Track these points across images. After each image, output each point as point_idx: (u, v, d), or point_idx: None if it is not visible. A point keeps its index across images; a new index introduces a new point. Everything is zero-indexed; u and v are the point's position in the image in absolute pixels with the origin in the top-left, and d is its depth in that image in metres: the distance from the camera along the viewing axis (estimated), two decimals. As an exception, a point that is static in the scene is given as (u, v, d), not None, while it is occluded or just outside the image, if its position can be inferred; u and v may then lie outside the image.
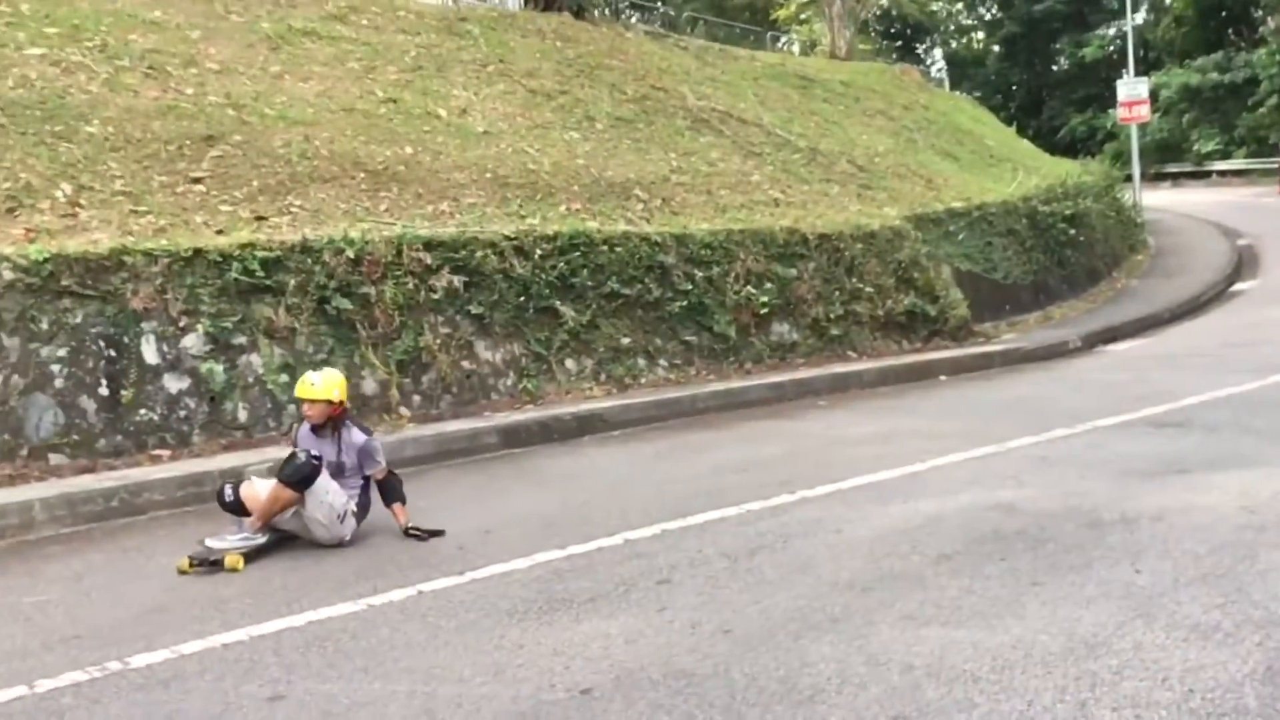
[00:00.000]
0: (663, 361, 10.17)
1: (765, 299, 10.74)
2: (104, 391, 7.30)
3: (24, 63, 10.05)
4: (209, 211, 8.91)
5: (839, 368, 10.63)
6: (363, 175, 10.22)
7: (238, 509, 5.31)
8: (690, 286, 10.36)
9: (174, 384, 7.60)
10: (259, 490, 5.33)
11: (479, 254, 9.15)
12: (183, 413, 7.59)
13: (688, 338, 10.36)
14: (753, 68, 18.36)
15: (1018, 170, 18.68)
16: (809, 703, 3.13)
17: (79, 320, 7.27)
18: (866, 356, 11.32)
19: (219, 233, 8.48)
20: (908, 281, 12.09)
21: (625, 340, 9.94)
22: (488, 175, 10.98)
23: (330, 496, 5.30)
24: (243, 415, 7.83)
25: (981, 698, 3.14)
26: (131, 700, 3.37)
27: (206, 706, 3.29)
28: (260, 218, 9.01)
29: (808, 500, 5.71)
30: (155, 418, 7.47)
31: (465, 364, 9.00)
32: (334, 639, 3.83)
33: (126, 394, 7.38)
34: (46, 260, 7.23)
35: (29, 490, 6.44)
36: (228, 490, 5.39)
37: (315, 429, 5.55)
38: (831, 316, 11.33)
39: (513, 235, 9.49)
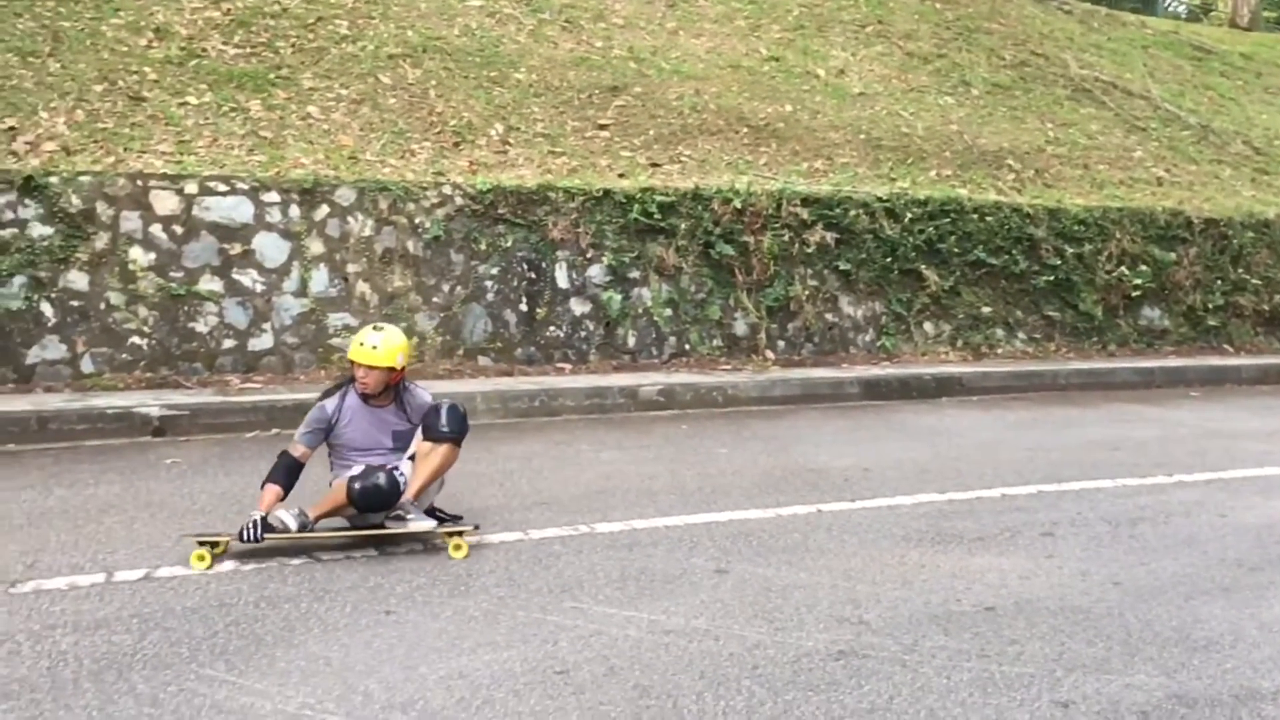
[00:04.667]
0: (1021, 334, 10.20)
1: (1138, 281, 10.44)
2: (523, 308, 8.45)
3: (466, 13, 11.46)
4: (612, 156, 9.89)
5: (1214, 360, 10.18)
6: (745, 130, 10.87)
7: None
8: (1059, 262, 10.26)
9: (578, 307, 8.64)
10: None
11: (851, 213, 9.57)
12: (583, 333, 8.63)
13: (1050, 313, 10.31)
14: (1142, 35, 17.34)
15: None
16: (1203, 650, 3.39)
17: (509, 244, 8.43)
18: (1245, 351, 10.74)
19: (620, 176, 9.41)
20: (1303, 276, 11.27)
21: (986, 309, 10.06)
22: (861, 136, 11.31)
23: None
24: (631, 341, 8.78)
25: (1383, 677, 3.28)
26: (606, 555, 4.20)
27: (666, 568, 4.04)
28: (655, 164, 9.89)
29: (1185, 484, 5.77)
30: (561, 335, 8.56)
31: (828, 316, 9.51)
32: (756, 535, 4.50)
33: (541, 312, 8.50)
34: (488, 191, 8.41)
35: (468, 384, 7.65)
36: (401, 478, 4.27)
37: (367, 398, 4.44)
38: (1210, 306, 10.83)
39: (885, 197, 9.82)
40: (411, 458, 4.40)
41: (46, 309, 7.11)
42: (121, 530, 4.36)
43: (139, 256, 7.36)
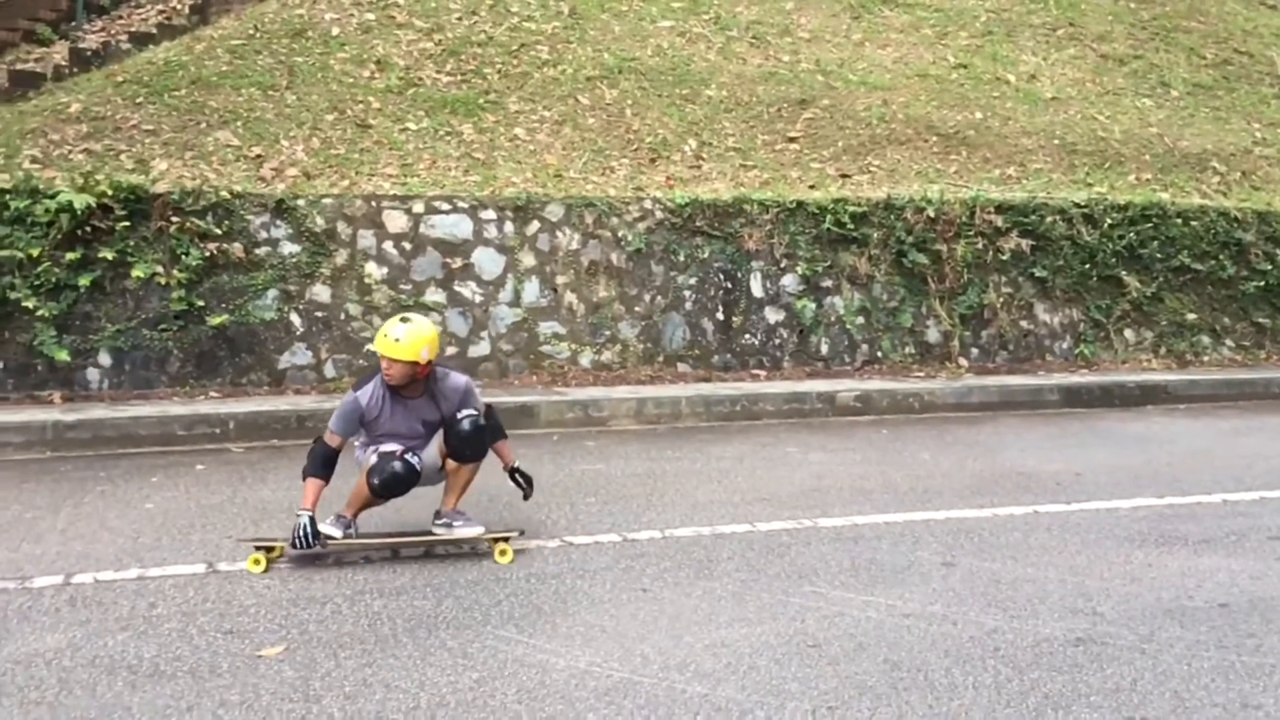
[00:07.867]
0: (1229, 341, 9.89)
1: (1357, 286, 9.96)
2: (720, 316, 8.77)
3: (657, 34, 11.91)
4: (802, 168, 10.11)
5: None
6: (934, 138, 10.91)
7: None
8: (1269, 266, 9.91)
9: (773, 316, 8.90)
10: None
11: (1047, 219, 9.49)
12: (777, 340, 8.88)
13: (1260, 319, 9.96)
14: (1356, 27, 16.37)
15: None
16: None
17: (705, 255, 8.76)
18: None
19: (811, 187, 9.63)
20: None
21: (1190, 316, 9.80)
22: (1055, 141, 11.17)
23: None
24: (824, 348, 8.98)
25: None
26: (833, 546, 4.45)
27: (893, 559, 4.27)
28: (844, 175, 10.06)
29: None
30: (756, 342, 8.84)
31: (1023, 323, 9.46)
32: (975, 532, 4.67)
33: (736, 320, 8.80)
34: (686, 204, 8.77)
35: (670, 390, 8.01)
36: (415, 460, 4.38)
37: (396, 391, 4.38)
38: None
39: (1082, 203, 9.70)
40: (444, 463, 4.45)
41: (295, 319, 7.86)
42: (392, 514, 4.88)
43: (373, 271, 8.04)
